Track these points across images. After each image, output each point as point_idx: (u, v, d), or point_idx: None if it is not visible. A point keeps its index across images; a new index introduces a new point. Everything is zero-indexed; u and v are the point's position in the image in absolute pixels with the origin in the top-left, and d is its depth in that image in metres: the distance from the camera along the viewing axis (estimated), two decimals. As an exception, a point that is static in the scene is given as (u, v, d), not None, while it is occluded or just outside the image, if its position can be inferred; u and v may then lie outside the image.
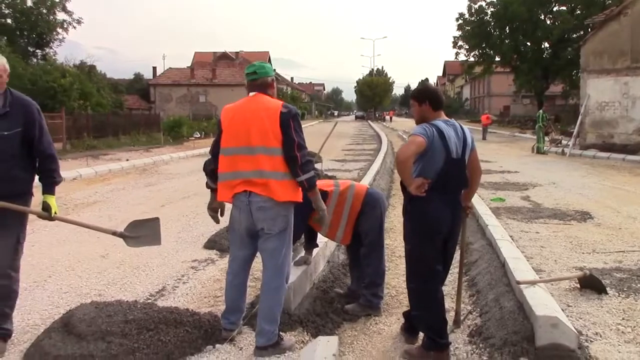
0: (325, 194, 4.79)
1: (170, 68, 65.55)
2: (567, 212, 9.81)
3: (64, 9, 39.56)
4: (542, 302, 4.24)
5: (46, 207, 4.13)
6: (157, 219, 4.74)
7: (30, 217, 4.24)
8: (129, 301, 4.45)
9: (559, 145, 24.58)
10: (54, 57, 38.79)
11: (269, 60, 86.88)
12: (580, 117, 24.08)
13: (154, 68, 69.91)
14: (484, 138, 34.10)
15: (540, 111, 24.74)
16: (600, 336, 4.38)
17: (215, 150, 4.22)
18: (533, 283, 4.75)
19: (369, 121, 79.57)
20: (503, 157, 21.53)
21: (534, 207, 10.41)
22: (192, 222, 9.07)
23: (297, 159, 3.92)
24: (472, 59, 50.57)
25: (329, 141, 9.79)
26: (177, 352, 3.99)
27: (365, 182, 11.91)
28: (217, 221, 4.47)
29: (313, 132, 38.35)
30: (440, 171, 3.93)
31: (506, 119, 57.93)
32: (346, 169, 16.86)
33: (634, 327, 4.55)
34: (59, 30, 39.96)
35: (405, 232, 4.18)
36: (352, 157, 21.53)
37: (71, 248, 7.38)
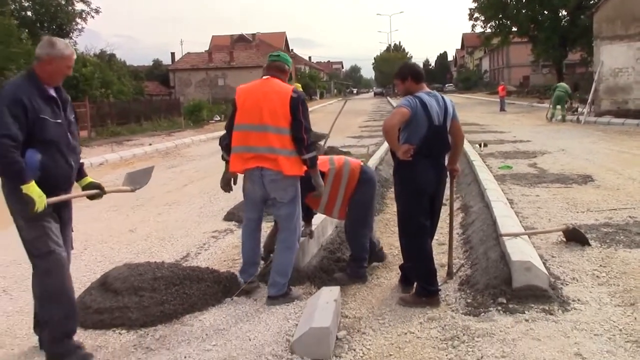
0: (322, 174, 5.06)
1: (188, 53, 66.13)
2: (570, 176, 10.22)
3: (82, 0, 40.33)
4: (519, 250, 4.76)
5: (97, 185, 4.31)
6: (152, 167, 5.18)
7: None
8: (157, 262, 5.07)
9: (575, 113, 24.74)
10: (74, 47, 39.54)
11: (286, 41, 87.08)
12: (594, 84, 24.19)
13: (173, 54, 70.63)
14: (501, 109, 34.26)
15: (563, 83, 25.03)
16: (577, 280, 4.89)
17: (229, 126, 4.79)
18: (515, 235, 5.27)
19: (388, 97, 79.57)
20: (518, 127, 21.81)
21: (539, 173, 10.83)
22: (212, 199, 9.69)
23: (304, 140, 4.53)
24: (489, 30, 50.35)
25: (347, 119, 10.32)
26: (200, 303, 4.61)
27: (377, 156, 12.43)
28: (229, 190, 5.01)
29: (332, 110, 38.76)
30: (424, 137, 4.43)
31: (526, 90, 57.63)
32: (362, 144, 17.34)
33: (609, 272, 5.05)
34: (78, 20, 40.66)
35: (395, 192, 4.72)
36: (369, 133, 22.00)
37: (102, 225, 8.04)
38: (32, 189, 3.52)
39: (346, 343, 3.95)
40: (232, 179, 4.95)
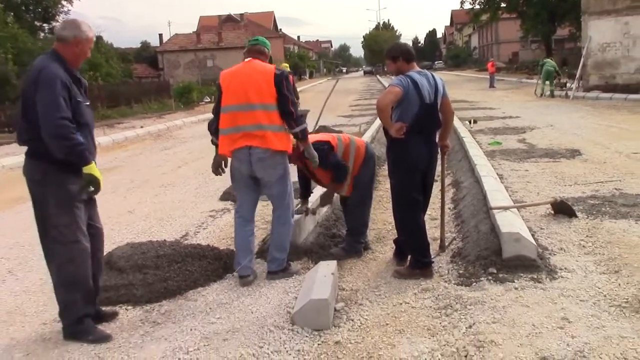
0: (330, 147, 5.28)
1: (176, 34, 65.78)
2: (559, 150, 10.42)
3: (67, -19, 39.85)
4: (509, 222, 4.95)
5: None
6: None
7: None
8: (159, 241, 5.23)
9: (564, 88, 24.92)
10: (61, 31, 39.19)
11: (274, 20, 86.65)
12: (582, 60, 24.34)
13: (160, 35, 70.26)
14: (491, 86, 34.47)
15: (549, 59, 25.31)
16: (564, 250, 5.09)
17: (217, 110, 4.86)
18: (505, 209, 5.45)
19: (378, 76, 79.47)
20: (507, 104, 21.99)
21: (528, 148, 11.01)
22: (208, 180, 9.80)
23: (292, 113, 4.65)
24: (477, 6, 50.32)
25: (338, 98, 10.44)
26: (202, 279, 4.78)
27: (368, 134, 12.57)
28: (220, 173, 5.02)
29: (322, 89, 38.77)
30: (416, 115, 4.58)
31: (515, 66, 57.77)
32: (352, 123, 17.46)
33: (594, 242, 5.26)
34: (64, 2, 40.30)
35: (389, 168, 4.86)
36: (359, 112, 22.09)
37: (100, 207, 8.11)
38: (94, 169, 3.65)
39: (344, 314, 4.12)
40: (223, 162, 4.98)
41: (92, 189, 3.72)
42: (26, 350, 3.87)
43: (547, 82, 24.49)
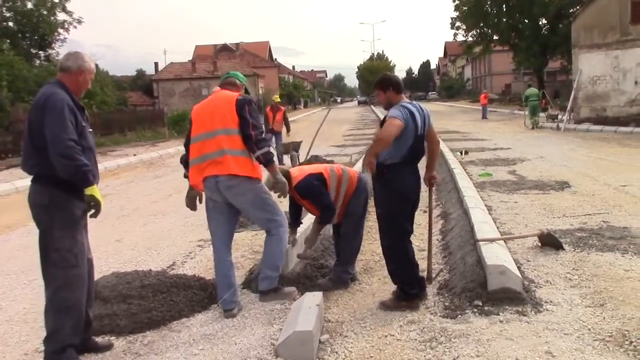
0: (322, 182, 5.30)
1: (171, 63, 66.08)
2: (548, 182, 10.47)
3: (64, 10, 40.15)
4: (495, 255, 4.95)
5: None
6: None
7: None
8: (144, 270, 5.21)
9: (555, 120, 25.16)
10: (56, 58, 39.44)
11: (270, 49, 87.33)
12: (573, 92, 24.65)
13: (156, 63, 70.51)
14: (483, 117, 34.77)
15: (532, 88, 25.90)
16: (550, 283, 5.09)
17: (187, 143, 4.91)
18: (492, 241, 5.46)
19: (372, 106, 79.93)
20: (498, 135, 22.15)
21: (518, 179, 11.07)
22: (198, 208, 9.79)
23: (251, 136, 4.62)
24: (470, 39, 50.96)
25: (331, 127, 10.51)
26: (187, 310, 4.75)
27: (359, 164, 12.60)
28: (194, 209, 5.08)
29: (316, 119, 38.94)
30: (410, 147, 4.62)
31: (507, 97, 58.31)
32: (345, 153, 17.53)
33: (581, 275, 5.26)
34: (60, 30, 40.56)
35: (379, 198, 4.80)
36: (352, 142, 22.21)
37: (89, 234, 8.11)
38: (96, 190, 3.73)
39: (329, 346, 4.10)
40: (198, 197, 4.99)
41: (93, 210, 3.78)
42: (5, 382, 3.82)
43: (534, 116, 25.41)
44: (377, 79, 4.91)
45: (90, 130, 3.98)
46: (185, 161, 4.96)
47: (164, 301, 4.71)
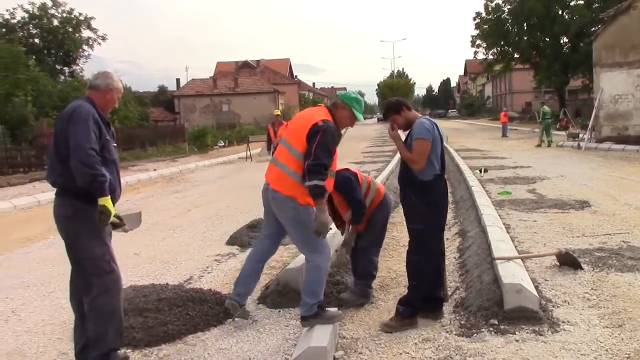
0: (357, 179, 5.41)
1: (193, 79, 66.85)
2: (568, 201, 10.37)
3: (89, 27, 41.04)
4: (511, 273, 4.92)
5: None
6: (140, 212, 5.16)
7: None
8: (161, 284, 5.25)
9: (576, 139, 24.96)
10: (81, 74, 40.20)
11: (290, 67, 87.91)
12: (594, 111, 24.46)
13: (178, 80, 71.52)
14: (503, 135, 34.63)
15: (545, 107, 26.96)
16: (568, 303, 5.04)
17: None
18: (508, 259, 5.43)
19: (391, 123, 79.81)
20: (518, 153, 22.01)
21: (537, 198, 10.98)
22: (216, 223, 9.88)
23: (307, 166, 4.38)
24: (491, 57, 50.84)
25: (350, 144, 10.54)
26: (202, 324, 4.78)
27: (378, 180, 12.61)
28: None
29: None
30: (440, 156, 4.68)
31: (528, 116, 57.98)
32: (364, 170, 17.52)
33: (599, 295, 5.20)
34: (85, 47, 41.43)
35: (415, 213, 4.70)
36: (371, 159, 22.22)
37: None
38: (109, 201, 3.79)
39: (343, 362, 4.10)
40: None
41: (102, 219, 3.80)
42: (23, 392, 3.87)
43: (548, 135, 25.77)
44: (386, 107, 4.93)
45: (115, 144, 4.09)
46: None
47: (180, 315, 4.74)
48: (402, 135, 4.80)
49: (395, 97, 5.19)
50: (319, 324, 4.41)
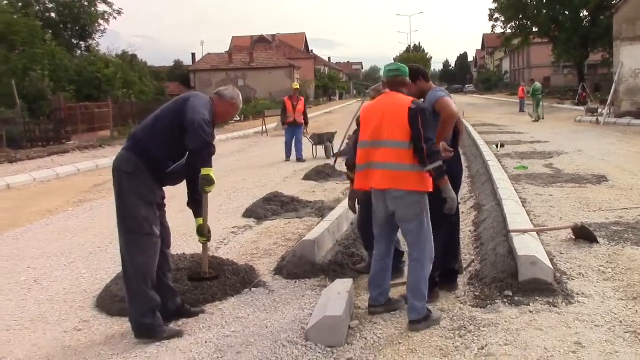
0: None
1: (208, 54, 66.69)
2: (585, 176, 10.31)
3: (105, 1, 40.89)
4: (526, 245, 4.94)
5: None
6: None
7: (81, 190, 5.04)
8: (179, 254, 5.33)
9: (595, 114, 24.66)
10: (97, 48, 40.24)
11: (306, 41, 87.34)
12: (614, 85, 24.11)
13: (193, 54, 71.58)
14: (521, 110, 34.29)
15: (537, 83, 28.23)
16: (583, 276, 5.05)
17: (355, 145, 4.76)
18: (524, 232, 5.44)
19: (408, 98, 79.32)
20: (536, 129, 21.83)
21: (554, 173, 10.93)
22: (232, 196, 9.96)
23: (423, 150, 4.17)
24: (509, 31, 50.12)
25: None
26: (220, 293, 4.87)
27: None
28: (355, 211, 5.27)
29: (352, 110, 38.89)
30: (455, 128, 4.66)
31: (546, 91, 57.22)
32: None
33: (615, 268, 5.20)
34: (101, 21, 41.30)
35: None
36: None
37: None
38: (212, 172, 4.13)
39: (358, 332, 4.16)
40: (357, 199, 5.20)
41: (204, 184, 4.13)
42: (46, 357, 3.99)
43: (538, 109, 26.75)
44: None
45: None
46: (352, 164, 4.81)
47: (198, 284, 4.82)
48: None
49: (417, 64, 5.09)
50: (428, 327, 4.17)
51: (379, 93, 4.67)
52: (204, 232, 4.50)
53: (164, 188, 4.40)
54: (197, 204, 4.55)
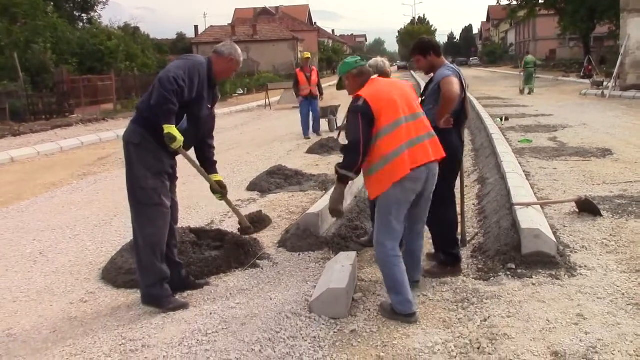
0: None
1: (211, 26, 66.31)
2: (590, 149, 10.27)
3: (107, -28, 40.53)
4: (530, 218, 4.95)
5: (223, 186, 4.87)
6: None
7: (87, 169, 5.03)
8: (183, 227, 5.35)
9: (600, 87, 24.45)
10: (99, 20, 39.93)
11: (309, 13, 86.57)
12: (620, 58, 23.84)
13: (196, 27, 70.92)
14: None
15: (529, 56, 27.76)
16: (586, 248, 5.06)
17: (367, 144, 3.86)
18: (527, 205, 5.44)
19: (412, 71, 78.93)
20: (541, 102, 21.67)
21: (558, 146, 10.88)
22: (235, 170, 9.98)
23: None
24: (515, 2, 49.59)
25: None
26: (225, 266, 4.89)
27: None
28: (341, 214, 4.23)
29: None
30: (458, 106, 4.60)
31: (552, 63, 56.81)
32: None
33: (618, 241, 5.21)
34: (103, -7, 41.00)
35: None
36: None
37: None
38: (174, 128, 3.99)
39: (362, 304, 4.19)
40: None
41: (169, 141, 3.99)
42: (53, 328, 4.03)
43: (529, 83, 26.39)
44: (416, 44, 4.80)
45: (210, 106, 4.38)
46: (359, 169, 3.94)
47: (203, 257, 4.85)
48: (424, 80, 4.75)
49: (428, 37, 5.05)
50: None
51: (376, 69, 4.61)
52: (216, 189, 4.62)
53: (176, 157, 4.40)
54: (207, 164, 4.68)
